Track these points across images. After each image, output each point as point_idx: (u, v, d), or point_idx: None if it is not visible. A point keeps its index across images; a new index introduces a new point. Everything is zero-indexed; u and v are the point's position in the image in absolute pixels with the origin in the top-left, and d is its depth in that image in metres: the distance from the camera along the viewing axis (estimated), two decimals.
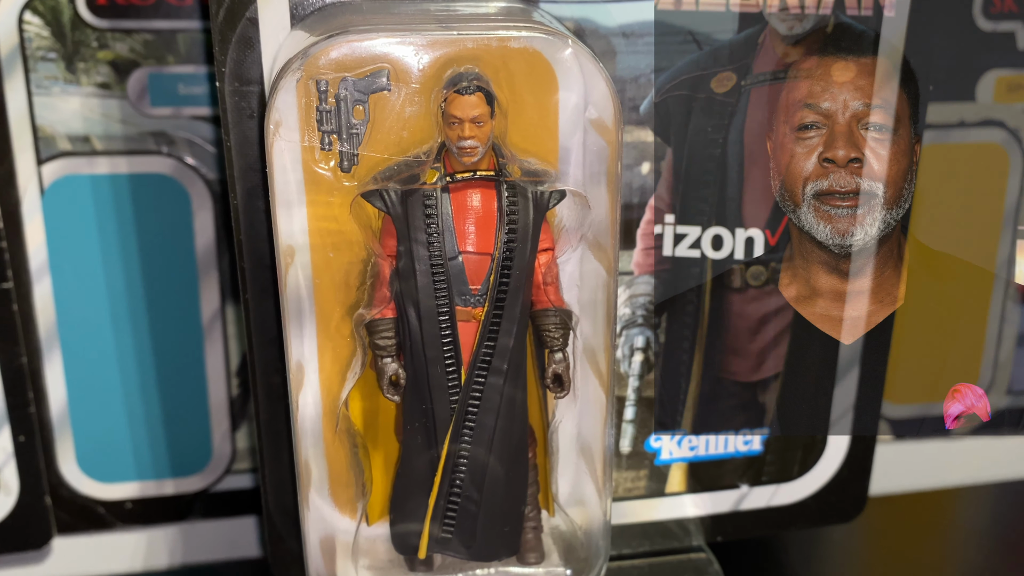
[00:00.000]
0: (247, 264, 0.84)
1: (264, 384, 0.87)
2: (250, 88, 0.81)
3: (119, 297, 0.98)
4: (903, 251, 0.83)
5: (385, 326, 0.80)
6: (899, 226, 0.82)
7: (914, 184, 0.81)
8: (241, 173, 0.82)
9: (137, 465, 1.03)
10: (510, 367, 0.80)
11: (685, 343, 0.96)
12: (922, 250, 0.86)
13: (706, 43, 0.89)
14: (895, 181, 0.79)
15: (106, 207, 0.96)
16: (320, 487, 0.85)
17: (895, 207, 0.80)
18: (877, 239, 0.80)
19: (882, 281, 0.82)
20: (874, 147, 0.80)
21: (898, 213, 0.80)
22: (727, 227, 0.94)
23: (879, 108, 0.79)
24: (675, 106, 0.91)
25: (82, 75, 0.92)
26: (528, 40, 0.76)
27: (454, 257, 0.78)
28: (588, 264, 0.83)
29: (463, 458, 0.81)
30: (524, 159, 0.79)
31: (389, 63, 0.75)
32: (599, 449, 0.87)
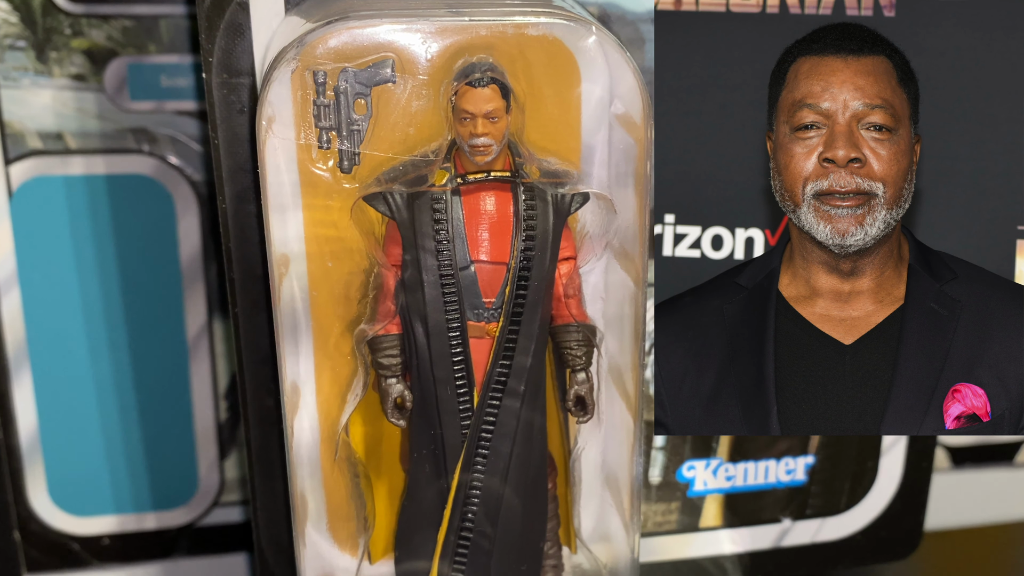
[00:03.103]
0: (237, 275, 0.84)
1: (255, 407, 0.87)
2: (240, 80, 0.81)
3: (95, 311, 0.98)
4: (904, 251, 0.85)
5: (389, 343, 0.80)
6: (899, 226, 0.84)
7: (914, 184, 0.84)
8: (230, 174, 0.82)
9: (115, 497, 1.03)
10: (528, 388, 0.80)
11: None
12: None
13: None
14: (895, 181, 0.82)
15: (81, 211, 0.96)
16: (317, 521, 0.85)
17: (895, 207, 0.83)
18: (877, 239, 0.83)
19: (882, 281, 0.85)
20: (874, 147, 0.82)
21: (898, 213, 0.83)
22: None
23: (879, 108, 0.82)
24: None
25: (54, 66, 0.93)
26: (548, 27, 0.76)
27: (466, 267, 0.78)
28: (614, 275, 0.83)
29: (475, 489, 0.81)
30: (543, 158, 0.79)
31: (394, 52, 0.75)
32: (626, 479, 0.87)
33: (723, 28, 0.92)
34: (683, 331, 0.87)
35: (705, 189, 0.93)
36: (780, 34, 0.89)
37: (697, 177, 0.93)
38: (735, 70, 0.92)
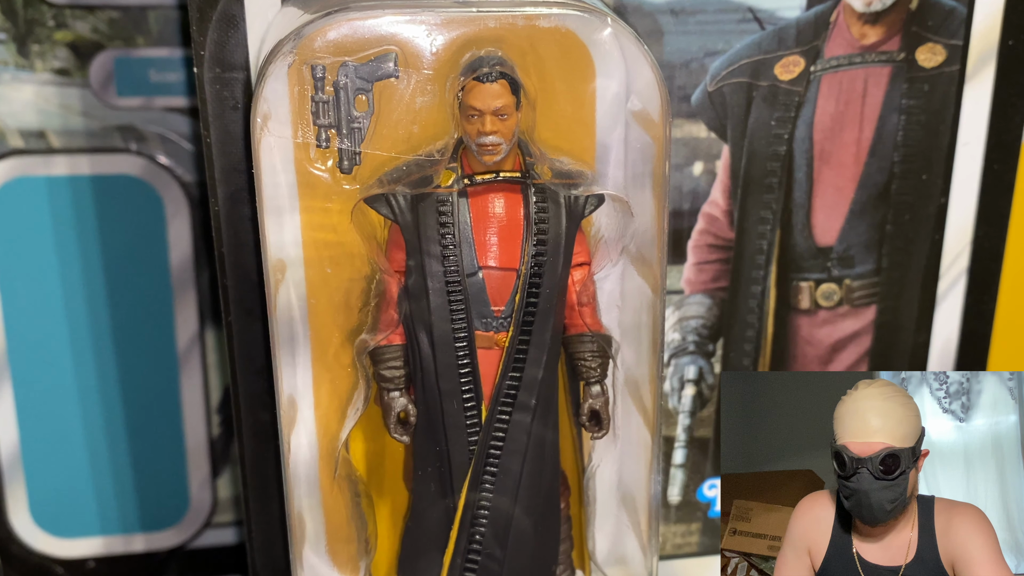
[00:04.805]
0: (230, 281, 0.84)
1: (250, 422, 0.88)
2: (234, 75, 0.81)
3: (80, 321, 0.98)
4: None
5: (392, 354, 0.80)
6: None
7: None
8: (223, 175, 0.82)
9: (101, 517, 1.03)
10: (539, 402, 0.80)
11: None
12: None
13: (769, 22, 0.89)
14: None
15: (65, 214, 0.96)
16: (316, 543, 0.85)
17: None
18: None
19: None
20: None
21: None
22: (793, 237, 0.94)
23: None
24: (732, 96, 0.91)
25: (37, 59, 0.93)
26: (560, 18, 0.76)
27: (473, 273, 0.78)
28: (630, 281, 0.83)
29: (484, 509, 0.81)
30: (555, 158, 0.79)
31: (397, 45, 0.75)
32: (643, 498, 0.87)
33: None
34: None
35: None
36: None
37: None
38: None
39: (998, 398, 0.89)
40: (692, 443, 0.98)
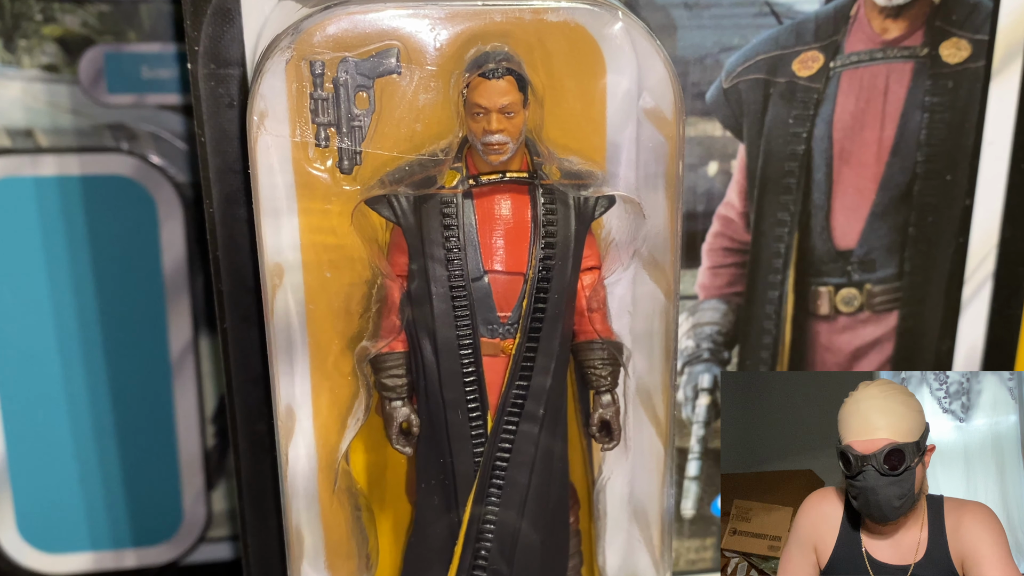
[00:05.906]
0: (225, 286, 0.84)
1: (246, 433, 0.87)
2: (229, 71, 0.81)
3: (69, 327, 0.98)
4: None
5: (394, 362, 0.79)
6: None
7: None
8: (218, 175, 0.82)
9: (91, 532, 1.03)
10: (547, 412, 0.79)
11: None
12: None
13: (787, 16, 0.89)
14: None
15: (53, 216, 0.96)
16: (314, 558, 0.85)
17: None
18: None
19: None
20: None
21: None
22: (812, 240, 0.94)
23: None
24: (749, 93, 0.91)
25: (24, 55, 0.93)
26: (569, 12, 0.76)
27: (478, 278, 0.78)
28: (642, 286, 0.83)
29: (489, 523, 0.81)
30: (564, 157, 0.79)
31: (399, 40, 0.75)
32: (656, 512, 0.87)
33: None
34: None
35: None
36: None
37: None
38: None
39: (998, 398, 0.89)
40: (706, 454, 0.98)
